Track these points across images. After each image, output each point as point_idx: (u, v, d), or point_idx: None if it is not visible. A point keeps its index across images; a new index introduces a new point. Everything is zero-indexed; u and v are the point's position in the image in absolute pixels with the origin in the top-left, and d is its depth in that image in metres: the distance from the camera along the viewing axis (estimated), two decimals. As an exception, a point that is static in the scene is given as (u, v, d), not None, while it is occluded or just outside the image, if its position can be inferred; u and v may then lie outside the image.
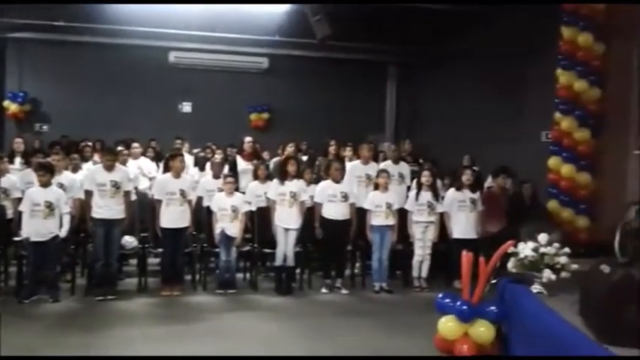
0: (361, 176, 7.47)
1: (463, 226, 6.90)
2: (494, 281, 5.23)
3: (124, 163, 7.31)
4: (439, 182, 7.59)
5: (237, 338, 5.10)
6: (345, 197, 6.78)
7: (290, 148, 9.20)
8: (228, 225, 6.60)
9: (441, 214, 6.99)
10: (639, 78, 7.04)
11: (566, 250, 4.65)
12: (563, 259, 4.56)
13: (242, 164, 8.65)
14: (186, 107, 13.58)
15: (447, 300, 4.76)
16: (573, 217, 7.18)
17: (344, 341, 5.05)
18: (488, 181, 8.17)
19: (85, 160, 8.29)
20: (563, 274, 4.55)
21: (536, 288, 4.61)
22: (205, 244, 6.86)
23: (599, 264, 3.90)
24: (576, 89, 7.14)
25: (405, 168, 7.91)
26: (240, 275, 7.03)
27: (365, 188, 7.30)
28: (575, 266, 4.56)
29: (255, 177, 7.43)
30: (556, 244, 4.70)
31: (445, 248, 7.01)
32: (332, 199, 6.76)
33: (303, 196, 6.75)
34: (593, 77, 7.16)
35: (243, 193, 7.24)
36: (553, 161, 7.38)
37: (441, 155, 10.17)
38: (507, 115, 9.77)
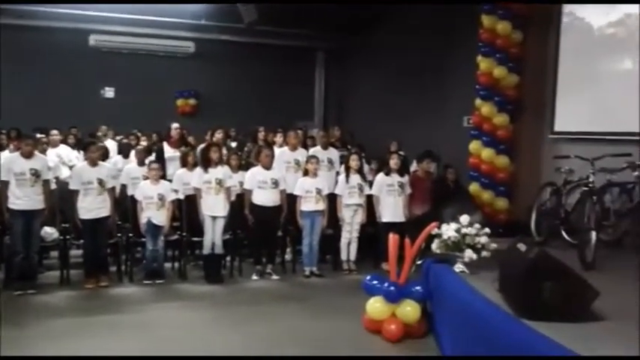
0: (290, 162, 7.48)
1: (392, 209, 7.05)
2: (420, 262, 5.42)
3: (42, 151, 6.97)
4: (366, 167, 7.72)
5: (166, 328, 5.00)
6: (276, 184, 6.77)
7: (218, 135, 9.06)
8: (154, 214, 6.44)
9: (369, 198, 7.12)
10: (554, 66, 7.42)
11: (487, 230, 4.87)
12: (483, 239, 4.78)
13: (169, 151, 8.43)
14: (109, 93, 13.11)
15: (375, 282, 4.88)
16: (493, 199, 7.51)
17: (273, 327, 5.05)
18: (414, 166, 8.39)
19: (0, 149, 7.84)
20: (484, 254, 4.77)
21: (458, 267, 4.82)
22: (131, 234, 6.67)
23: (516, 243, 4.11)
24: (496, 76, 7.43)
25: (334, 154, 7.97)
26: (168, 265, 6.90)
27: (294, 174, 7.32)
28: (494, 245, 4.79)
29: (183, 164, 7.28)
30: (477, 225, 4.92)
31: (374, 231, 7.16)
32: (262, 186, 6.73)
33: (229, 183, 6.69)
34: (512, 64, 7.48)
35: (170, 181, 7.08)
36: (474, 145, 7.68)
37: (369, 141, 10.35)
38: (431, 101, 10.06)
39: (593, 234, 5.24)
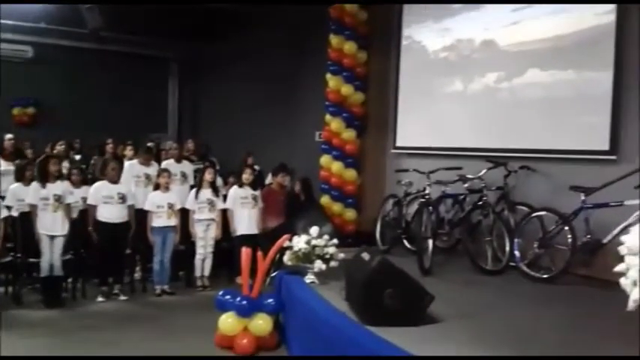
0: (140, 176, 7.21)
1: (246, 222, 7.06)
2: (274, 274, 5.49)
3: None
4: (220, 180, 7.68)
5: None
6: (123, 198, 6.48)
7: (60, 147, 8.47)
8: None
9: (224, 212, 7.08)
10: (395, 85, 7.96)
11: (335, 241, 5.06)
12: (331, 250, 4.96)
13: (2, 165, 7.72)
14: None
15: (227, 297, 4.86)
16: (343, 210, 7.84)
17: (118, 352, 4.79)
18: (269, 179, 8.49)
19: None
20: (332, 263, 4.95)
21: (309, 278, 4.95)
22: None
23: (361, 252, 4.32)
24: (343, 93, 7.79)
25: (187, 167, 7.83)
26: (1, 289, 6.28)
27: (144, 188, 7.07)
28: (342, 255, 4.99)
29: (19, 178, 6.68)
30: (326, 236, 5.09)
31: (228, 246, 7.12)
32: (108, 201, 6.40)
33: (70, 199, 6.26)
34: (358, 83, 7.89)
35: (3, 197, 6.47)
36: (324, 159, 7.97)
37: (227, 154, 10.30)
38: (286, 115, 10.27)
39: (430, 242, 5.68)
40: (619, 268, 2.37)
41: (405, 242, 6.54)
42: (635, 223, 2.83)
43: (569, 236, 5.08)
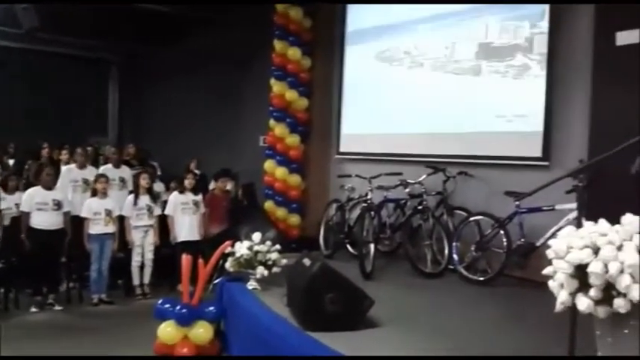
0: (77, 181, 7.00)
1: (187, 228, 6.97)
2: (216, 281, 5.42)
3: None
4: (161, 186, 7.55)
5: None
6: (58, 205, 6.27)
7: (-8, 151, 8.10)
8: None
9: (163, 218, 6.96)
10: (339, 91, 8.04)
11: (277, 246, 5.05)
12: (274, 255, 4.94)
13: None
14: None
15: (167, 305, 4.75)
16: (287, 216, 7.83)
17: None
18: (212, 184, 8.40)
19: None
20: (275, 269, 4.93)
21: (251, 284, 4.92)
22: None
23: (302, 258, 4.32)
24: (287, 98, 7.80)
25: (126, 172, 7.65)
26: None
27: (82, 194, 6.86)
28: (285, 261, 4.98)
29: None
30: (269, 242, 5.08)
31: (169, 252, 6.99)
32: (42, 207, 6.19)
33: (2, 205, 6.02)
34: (302, 88, 7.92)
35: None
36: (268, 164, 7.94)
37: (171, 159, 10.12)
38: (231, 120, 10.18)
39: (372, 246, 5.74)
40: (547, 271, 2.45)
41: (348, 247, 6.59)
42: (565, 227, 2.95)
43: (504, 239, 5.25)
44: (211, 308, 4.82)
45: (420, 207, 5.95)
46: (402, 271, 5.82)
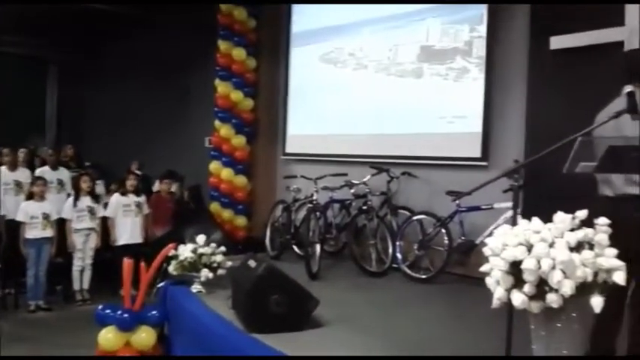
0: (9, 183, 6.73)
1: (128, 231, 6.80)
2: (160, 285, 5.31)
3: None
4: (102, 187, 7.35)
5: None
6: (-9, 209, 6.00)
7: None
8: None
9: (104, 221, 6.77)
10: (285, 92, 8.04)
11: (222, 248, 5.00)
12: (219, 258, 4.88)
13: None
14: None
15: (107, 310, 4.62)
16: (233, 217, 7.76)
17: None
18: (156, 186, 8.24)
19: None
20: (220, 272, 4.88)
21: (196, 287, 4.84)
22: None
23: (247, 260, 4.30)
24: (233, 99, 7.72)
25: (64, 174, 7.42)
26: None
27: (15, 197, 6.60)
28: (230, 263, 4.93)
29: None
30: (214, 244, 5.02)
31: (110, 256, 6.80)
32: (-26, 212, 5.91)
33: None
34: (247, 89, 7.86)
35: None
36: (214, 165, 7.85)
37: (114, 161, 9.84)
38: (176, 121, 10.01)
39: (318, 246, 5.78)
40: (484, 268, 2.53)
41: (295, 247, 6.59)
42: (502, 225, 3.05)
43: (446, 238, 5.39)
44: (154, 312, 4.72)
45: (364, 207, 6.01)
46: (347, 270, 5.87)
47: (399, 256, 5.73)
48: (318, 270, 5.62)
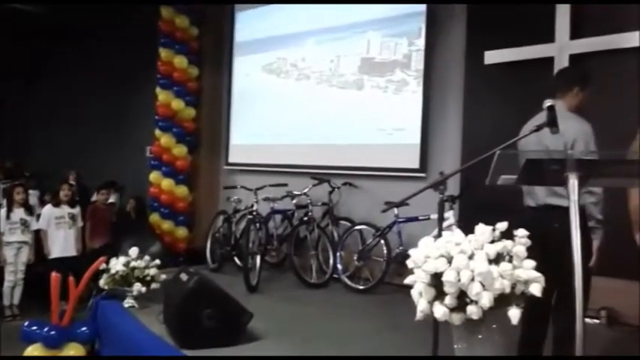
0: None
1: (62, 243, 6.53)
2: (93, 300, 5.13)
3: None
4: (34, 198, 7.07)
5: None
6: None
7: None
8: None
9: (37, 234, 6.50)
10: (228, 101, 7.95)
11: (157, 261, 4.87)
12: (152, 271, 4.76)
13: None
14: None
15: (34, 327, 4.43)
16: (173, 229, 7.57)
17: None
18: (95, 196, 7.99)
19: None
20: (154, 286, 4.75)
21: (128, 302, 4.71)
22: None
23: (180, 273, 4.19)
24: (174, 108, 7.56)
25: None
26: None
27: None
28: (164, 276, 4.81)
29: None
30: (147, 257, 4.88)
31: (43, 270, 6.53)
32: None
33: None
34: (189, 98, 7.71)
35: None
36: (154, 175, 7.66)
37: (52, 171, 9.47)
38: (117, 130, 9.73)
39: (258, 258, 5.70)
40: (408, 280, 2.54)
41: (236, 259, 6.50)
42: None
43: (385, 248, 5.43)
44: (84, 329, 4.56)
45: (305, 218, 5.99)
46: (288, 282, 5.83)
47: (339, 266, 5.73)
48: (258, 282, 5.55)
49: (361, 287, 5.49)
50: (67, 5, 8.85)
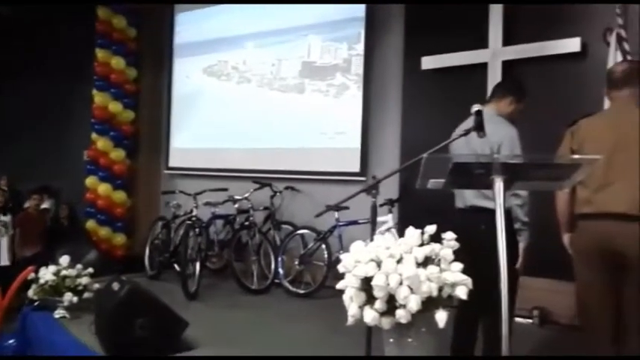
0: None
1: (-9, 253, 6.26)
2: (23, 311, 4.90)
3: None
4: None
5: None
6: None
7: None
8: None
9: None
10: (168, 104, 7.77)
11: (89, 270, 4.70)
12: (85, 280, 4.59)
13: None
14: None
15: (-44, 342, 4.21)
16: (111, 235, 7.33)
17: None
18: (28, 202, 7.66)
19: None
20: (86, 295, 4.58)
21: (59, 313, 4.52)
22: None
23: (112, 281, 4.05)
24: (111, 110, 7.33)
25: None
26: None
27: None
28: (97, 285, 4.64)
29: None
30: (79, 266, 4.70)
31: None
32: None
33: None
34: (127, 100, 7.49)
35: None
36: (90, 180, 7.40)
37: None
38: (53, 133, 9.36)
39: (197, 265, 5.59)
40: (340, 285, 2.52)
41: (175, 266, 6.35)
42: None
43: (325, 252, 5.43)
44: (11, 341, 4.36)
45: (247, 223, 5.92)
46: (229, 289, 5.74)
47: (281, 271, 5.69)
48: (197, 289, 5.45)
49: (302, 292, 5.47)
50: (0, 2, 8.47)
